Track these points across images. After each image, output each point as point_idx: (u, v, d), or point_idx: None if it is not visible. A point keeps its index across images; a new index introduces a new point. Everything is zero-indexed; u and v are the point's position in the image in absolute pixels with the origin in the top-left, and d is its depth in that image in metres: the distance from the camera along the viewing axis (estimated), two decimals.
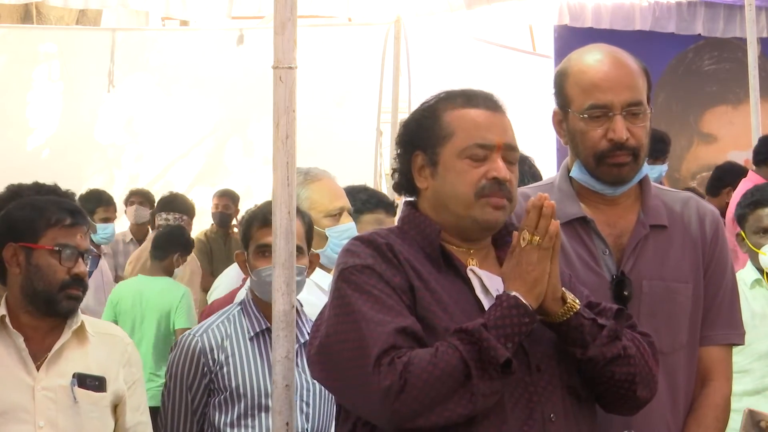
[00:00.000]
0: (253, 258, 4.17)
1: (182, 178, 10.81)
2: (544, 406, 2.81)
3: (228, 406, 4.08)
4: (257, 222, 4.17)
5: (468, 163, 2.88)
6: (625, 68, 3.15)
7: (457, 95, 2.97)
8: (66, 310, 3.70)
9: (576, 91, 3.15)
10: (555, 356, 2.87)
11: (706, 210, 3.29)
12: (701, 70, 11.47)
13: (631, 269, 3.16)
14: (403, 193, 3.04)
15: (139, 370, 3.88)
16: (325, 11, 10.17)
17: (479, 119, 2.91)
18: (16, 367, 3.66)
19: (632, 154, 3.13)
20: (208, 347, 4.10)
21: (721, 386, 3.23)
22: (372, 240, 2.88)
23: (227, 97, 10.66)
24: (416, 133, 2.96)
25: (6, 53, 10.77)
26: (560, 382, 2.86)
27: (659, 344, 3.12)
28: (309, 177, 4.49)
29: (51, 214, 3.71)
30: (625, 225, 3.21)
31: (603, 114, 3.12)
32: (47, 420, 3.64)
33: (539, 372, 2.83)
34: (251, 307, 4.17)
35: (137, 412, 3.83)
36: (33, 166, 9.71)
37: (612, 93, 3.11)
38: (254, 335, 4.13)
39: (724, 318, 3.25)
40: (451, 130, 2.91)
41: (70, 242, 3.69)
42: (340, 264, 2.87)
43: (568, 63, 3.21)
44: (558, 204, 3.19)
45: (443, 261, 2.89)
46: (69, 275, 3.68)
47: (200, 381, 4.10)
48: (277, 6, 3.34)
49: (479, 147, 2.88)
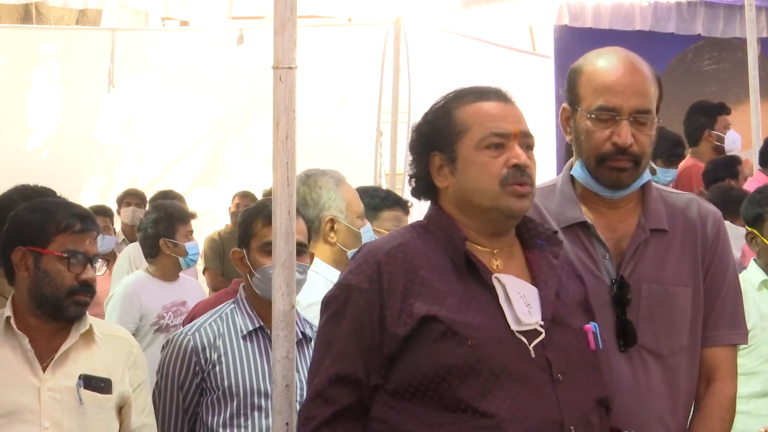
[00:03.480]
0: (258, 255, 4.14)
1: (182, 179, 10.81)
2: (564, 417, 2.79)
3: (220, 406, 4.06)
4: (262, 219, 4.15)
5: (487, 153, 2.88)
6: (639, 75, 3.16)
7: (467, 92, 2.98)
8: (73, 316, 3.70)
9: (587, 90, 3.16)
10: (580, 367, 2.86)
11: (707, 211, 3.29)
12: (701, 70, 11.47)
13: (631, 273, 3.16)
14: (422, 198, 3.02)
15: (144, 372, 3.88)
16: (325, 11, 10.17)
17: (493, 111, 2.92)
18: (22, 368, 3.67)
19: (633, 161, 3.14)
20: (200, 346, 4.09)
21: (725, 386, 3.23)
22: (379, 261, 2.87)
23: (227, 97, 10.66)
24: (431, 134, 2.96)
25: (6, 53, 10.76)
26: (588, 394, 2.85)
27: (659, 347, 3.14)
28: (337, 179, 4.52)
29: (61, 219, 3.70)
30: (626, 229, 3.21)
31: (610, 117, 3.12)
32: (53, 421, 3.64)
33: (561, 382, 2.81)
34: (245, 306, 4.15)
35: (142, 414, 3.83)
36: (33, 166, 9.71)
37: (622, 97, 3.11)
38: (247, 334, 4.11)
39: (727, 318, 3.25)
40: (466, 125, 2.91)
41: (80, 248, 3.68)
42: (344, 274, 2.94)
43: (584, 61, 3.22)
44: (559, 207, 3.20)
45: (467, 269, 2.87)
46: (77, 281, 3.67)
47: (192, 380, 4.09)
48: (277, 6, 3.34)
49: (496, 136, 2.88)
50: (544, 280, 2.93)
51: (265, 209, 4.14)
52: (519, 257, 2.96)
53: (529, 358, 2.80)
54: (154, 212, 7.18)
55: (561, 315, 2.89)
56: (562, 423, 2.77)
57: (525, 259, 2.96)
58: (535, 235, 2.98)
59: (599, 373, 2.90)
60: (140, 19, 13.93)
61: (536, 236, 2.97)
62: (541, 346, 2.82)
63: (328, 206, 4.44)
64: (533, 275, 2.94)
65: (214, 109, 10.82)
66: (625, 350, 3.13)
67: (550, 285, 2.92)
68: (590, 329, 2.92)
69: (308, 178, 4.47)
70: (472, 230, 2.91)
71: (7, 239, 3.74)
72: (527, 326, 2.83)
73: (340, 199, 4.46)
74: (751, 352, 4.93)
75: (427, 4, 10.17)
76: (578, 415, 2.80)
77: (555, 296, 2.91)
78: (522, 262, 2.96)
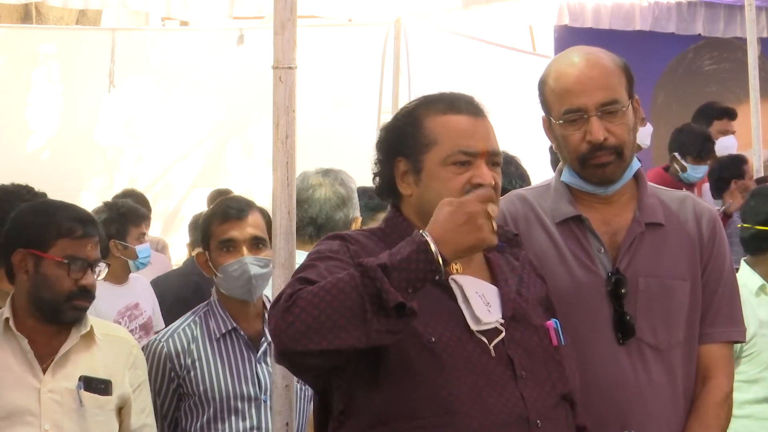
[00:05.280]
0: (216, 255, 4.13)
1: (182, 180, 10.80)
2: (530, 412, 2.79)
3: (197, 411, 4.06)
4: (217, 218, 4.14)
5: (452, 169, 2.87)
6: (597, 68, 3.17)
7: (437, 100, 2.96)
8: (71, 320, 3.71)
9: (553, 98, 3.20)
10: (543, 363, 2.86)
11: (703, 209, 3.31)
12: (701, 70, 11.48)
13: (627, 267, 3.18)
14: (385, 199, 3.03)
15: (144, 373, 3.88)
16: (325, 11, 10.17)
17: (462, 126, 2.90)
18: (22, 369, 3.67)
19: (615, 153, 3.16)
20: (173, 352, 4.08)
21: (721, 384, 3.24)
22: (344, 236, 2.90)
23: (227, 97, 10.65)
24: (398, 139, 2.95)
25: (5, 53, 10.75)
26: (552, 390, 2.85)
27: (656, 341, 3.15)
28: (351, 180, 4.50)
29: (62, 222, 3.69)
30: (621, 223, 3.22)
31: (579, 117, 3.15)
32: (53, 423, 3.64)
33: (524, 379, 2.81)
34: (217, 308, 4.14)
35: (142, 414, 3.83)
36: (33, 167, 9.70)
37: (585, 95, 3.14)
38: (220, 336, 4.10)
39: (724, 315, 3.26)
40: (434, 138, 2.89)
41: (80, 254, 3.68)
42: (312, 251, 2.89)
43: (547, 71, 3.25)
44: (554, 204, 3.23)
45: None
46: (76, 286, 3.67)
47: (168, 386, 4.08)
48: (277, 6, 3.34)
49: (464, 154, 2.88)
50: (505, 279, 2.94)
51: (219, 208, 4.14)
52: (478, 259, 2.96)
53: (490, 356, 2.80)
54: (105, 212, 6.74)
55: (522, 312, 2.90)
56: (528, 418, 2.78)
57: (485, 261, 2.97)
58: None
59: (562, 368, 2.91)
60: (140, 19, 13.92)
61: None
62: (502, 344, 2.83)
63: (356, 206, 4.46)
64: (493, 275, 2.95)
65: (214, 109, 10.81)
66: (623, 343, 3.14)
67: (510, 283, 2.94)
68: (551, 325, 2.93)
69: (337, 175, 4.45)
70: None
71: (7, 240, 3.73)
72: (487, 325, 2.83)
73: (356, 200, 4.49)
74: (752, 360, 4.91)
75: (427, 4, 10.17)
76: (544, 409, 2.81)
77: (516, 294, 2.92)
78: (481, 263, 2.97)
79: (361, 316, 2.59)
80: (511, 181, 4.45)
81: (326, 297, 2.61)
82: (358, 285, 2.60)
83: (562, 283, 3.14)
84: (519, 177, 4.59)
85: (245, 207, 4.14)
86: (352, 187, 4.48)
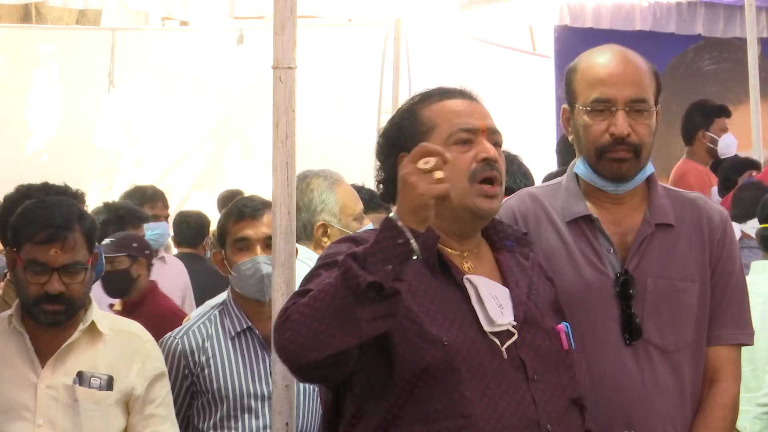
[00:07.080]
0: (231, 253, 4.14)
1: (181, 181, 10.80)
2: (541, 416, 2.78)
3: (210, 409, 4.06)
4: (232, 217, 4.16)
5: (456, 149, 2.86)
6: (632, 66, 3.19)
7: (432, 93, 2.98)
8: (47, 323, 3.68)
9: (582, 85, 3.19)
10: (554, 367, 2.86)
11: (713, 210, 3.30)
12: (701, 70, 11.47)
13: (636, 267, 3.17)
14: (392, 202, 2.98)
15: (161, 365, 3.84)
16: (325, 11, 10.16)
17: (458, 107, 2.92)
18: (22, 365, 3.68)
19: (633, 151, 3.15)
20: (188, 349, 4.08)
21: (728, 386, 3.23)
22: (354, 238, 2.89)
23: (227, 97, 10.65)
24: (397, 136, 2.95)
25: (5, 53, 10.76)
26: (562, 394, 2.85)
27: (663, 342, 3.14)
28: (332, 180, 4.46)
29: (29, 226, 3.66)
30: (631, 224, 3.22)
31: (606, 108, 3.15)
32: (47, 419, 3.64)
33: (535, 382, 2.81)
34: (232, 307, 4.14)
35: (152, 404, 3.77)
36: (33, 167, 9.70)
37: (616, 88, 3.14)
38: (235, 335, 4.10)
39: (732, 318, 3.25)
40: (432, 123, 2.90)
41: (41, 259, 3.62)
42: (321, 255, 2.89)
43: (578, 59, 3.25)
44: (564, 202, 3.22)
45: (440, 268, 2.86)
46: (42, 291, 3.63)
47: (181, 383, 4.08)
48: (277, 6, 3.34)
49: (464, 131, 2.88)
50: (515, 281, 2.93)
51: (235, 207, 4.16)
52: (488, 259, 2.96)
53: (502, 358, 2.80)
54: (104, 213, 6.59)
55: (533, 315, 2.89)
56: (538, 422, 2.77)
57: (495, 261, 2.96)
58: (504, 237, 2.98)
59: (572, 372, 2.90)
60: (140, 19, 13.92)
61: (505, 238, 2.98)
62: (514, 347, 2.82)
63: (320, 210, 4.39)
64: (504, 276, 2.94)
65: (213, 109, 10.82)
66: (630, 344, 3.13)
67: (521, 285, 2.92)
68: (562, 329, 2.92)
69: (301, 180, 4.40)
70: (441, 232, 2.90)
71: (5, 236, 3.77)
72: (500, 327, 2.82)
73: (333, 202, 4.40)
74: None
75: (427, 4, 10.17)
76: (554, 414, 2.80)
77: (527, 297, 2.91)
78: (492, 263, 2.96)
79: (349, 311, 2.59)
80: (515, 179, 4.44)
81: (316, 305, 2.61)
82: (339, 283, 2.60)
83: (571, 282, 3.14)
84: (522, 175, 4.58)
85: (260, 206, 4.16)
86: (319, 188, 4.40)
